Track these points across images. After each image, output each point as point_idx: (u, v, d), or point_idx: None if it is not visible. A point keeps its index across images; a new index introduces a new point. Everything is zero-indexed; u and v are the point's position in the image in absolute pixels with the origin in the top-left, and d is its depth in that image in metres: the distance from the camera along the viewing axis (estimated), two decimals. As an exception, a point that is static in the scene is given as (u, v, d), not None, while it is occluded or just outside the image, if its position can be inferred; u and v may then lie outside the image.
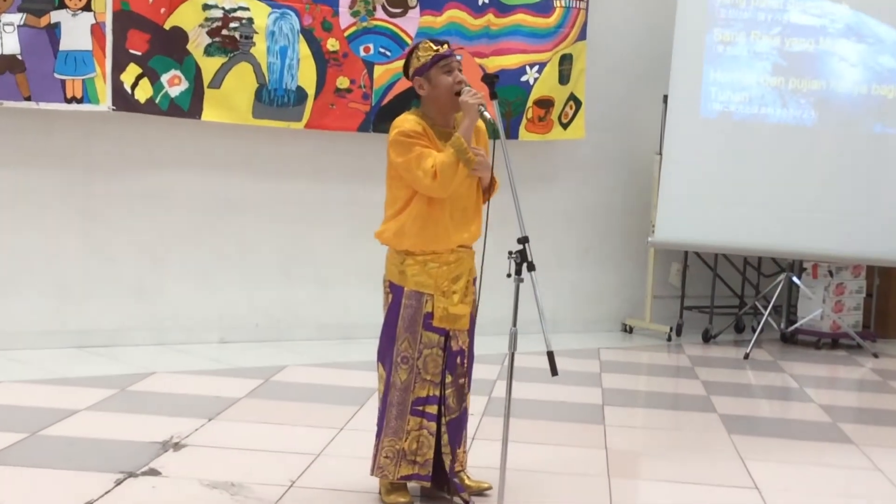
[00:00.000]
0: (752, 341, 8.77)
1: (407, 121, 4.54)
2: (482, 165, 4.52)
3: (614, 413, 6.54)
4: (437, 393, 4.57)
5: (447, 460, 4.62)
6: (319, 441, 5.49)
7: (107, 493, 4.54)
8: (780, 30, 8.84)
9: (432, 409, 4.57)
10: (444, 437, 4.61)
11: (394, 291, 4.60)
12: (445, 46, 4.57)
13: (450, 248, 4.57)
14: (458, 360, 4.60)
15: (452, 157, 4.41)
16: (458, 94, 4.49)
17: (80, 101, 7.16)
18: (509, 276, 4.25)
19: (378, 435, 4.63)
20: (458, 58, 4.60)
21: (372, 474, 4.65)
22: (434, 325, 4.54)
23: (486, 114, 4.44)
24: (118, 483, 4.67)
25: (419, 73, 4.55)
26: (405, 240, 4.55)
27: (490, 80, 4.56)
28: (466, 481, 4.73)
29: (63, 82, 7.10)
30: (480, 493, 4.74)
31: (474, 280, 4.68)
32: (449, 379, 4.59)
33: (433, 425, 4.58)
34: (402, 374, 4.55)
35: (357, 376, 7.00)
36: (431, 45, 4.56)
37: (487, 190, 4.63)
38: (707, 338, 9.28)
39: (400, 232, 4.56)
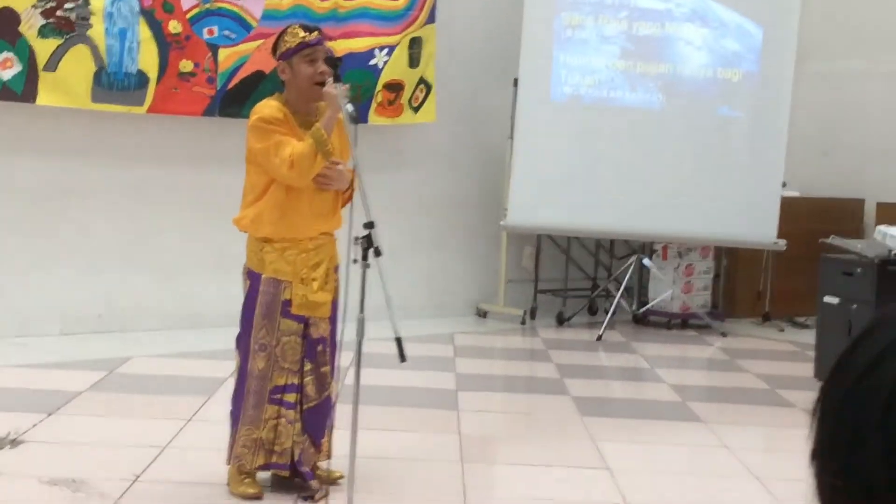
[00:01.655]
0: (605, 323, 8.86)
1: (268, 106, 4.45)
2: (337, 179, 4.45)
3: (468, 398, 6.51)
4: (296, 381, 4.49)
5: (297, 450, 4.52)
6: (166, 433, 5.32)
7: (-64, 494, 4.33)
8: (628, 14, 8.92)
9: (290, 398, 4.48)
10: (298, 426, 4.51)
11: (251, 279, 4.51)
12: (315, 34, 4.46)
13: (309, 235, 4.48)
14: (319, 347, 4.53)
15: (311, 147, 4.33)
16: (321, 84, 4.38)
17: None
18: (355, 261, 4.18)
19: (234, 424, 4.53)
20: (326, 47, 4.49)
21: (228, 464, 4.54)
22: (293, 313, 4.46)
23: (348, 107, 4.35)
24: (-51, 483, 4.45)
25: (283, 57, 4.46)
26: (263, 227, 4.46)
27: (333, 62, 4.48)
28: (318, 471, 4.63)
29: None
30: (333, 482, 4.66)
31: (336, 268, 4.59)
32: (308, 367, 4.51)
33: (291, 413, 4.49)
34: (259, 362, 4.46)
35: (205, 366, 6.84)
36: (300, 30, 4.46)
37: (346, 194, 4.56)
38: (561, 321, 9.34)
39: (258, 219, 4.47)
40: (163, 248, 8.07)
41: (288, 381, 4.48)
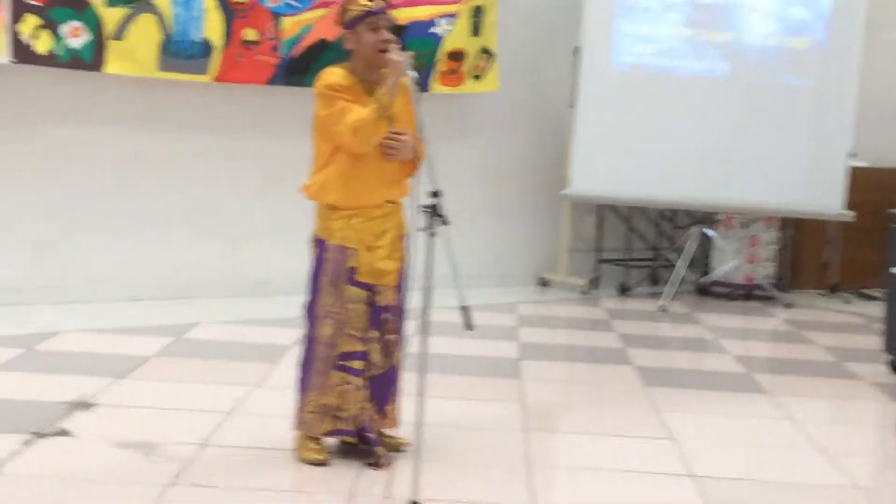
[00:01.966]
0: (667, 293, 8.82)
1: (333, 74, 4.47)
2: (402, 149, 4.45)
3: (531, 367, 6.53)
4: (362, 348, 4.52)
5: (364, 416, 4.56)
6: (233, 399, 5.39)
7: (15, 454, 4.42)
8: (692, -19, 8.83)
9: (356, 365, 4.52)
10: (364, 393, 4.55)
11: (319, 246, 4.54)
12: (379, 2, 4.46)
13: (375, 203, 4.50)
14: (384, 315, 4.55)
15: (374, 112, 4.34)
16: (384, 51, 4.39)
17: (-23, 53, 6.92)
18: (421, 230, 4.18)
19: (301, 390, 4.58)
20: (390, 15, 4.49)
21: (295, 430, 4.59)
22: (358, 280, 4.48)
23: (412, 73, 4.35)
24: (27, 444, 4.54)
25: (348, 26, 4.48)
26: (329, 194, 4.49)
27: (397, 31, 4.48)
28: (383, 438, 4.67)
29: (-40, 33, 6.86)
30: (398, 448, 4.69)
31: (403, 236, 4.60)
32: (374, 334, 4.54)
33: (358, 380, 4.53)
34: (326, 328, 4.50)
35: (270, 333, 6.92)
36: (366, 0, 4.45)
37: (411, 166, 4.55)
38: (623, 290, 9.32)
39: (324, 186, 4.50)
40: (228, 216, 8.14)
41: (354, 349, 4.52)
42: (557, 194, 9.21)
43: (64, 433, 4.74)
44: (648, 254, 9.82)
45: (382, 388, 4.62)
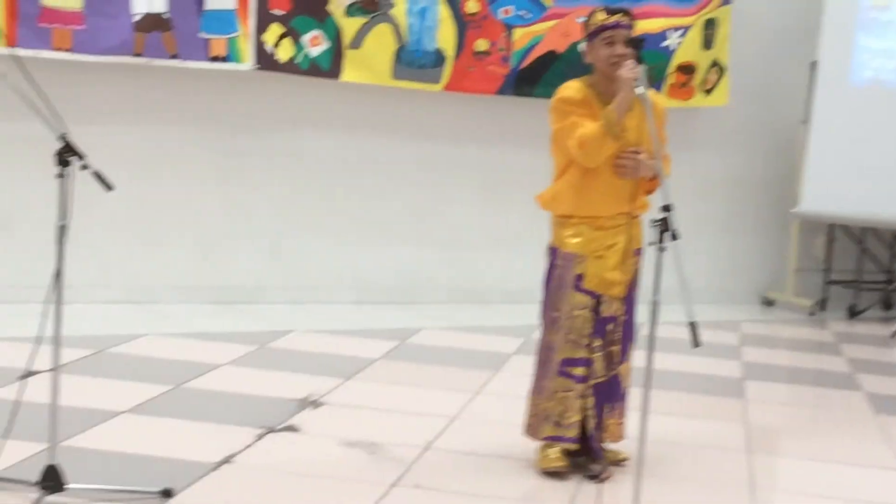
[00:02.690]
0: (899, 318, 8.51)
1: (569, 88, 4.52)
2: (633, 168, 4.44)
3: (754, 387, 6.40)
4: (585, 355, 4.53)
5: (589, 424, 4.57)
6: (455, 404, 5.47)
7: (248, 447, 4.60)
8: (938, -5, 8.49)
9: (578, 371, 4.53)
10: (590, 401, 4.56)
11: (551, 254, 4.61)
12: (616, 17, 4.45)
13: (606, 214, 4.51)
14: (609, 326, 4.55)
15: (600, 129, 4.35)
16: (617, 65, 4.39)
17: (223, 60, 7.23)
18: (651, 244, 4.15)
19: (530, 393, 4.65)
20: (626, 30, 4.46)
21: (523, 434, 4.66)
22: (584, 288, 4.51)
23: (639, 89, 4.31)
24: (259, 438, 4.72)
25: (588, 39, 4.51)
26: (561, 205, 4.55)
27: (635, 43, 4.43)
28: (604, 451, 4.66)
29: (207, 41, 7.18)
30: (618, 462, 4.68)
31: (637, 250, 4.59)
32: (598, 343, 4.55)
33: (580, 387, 4.54)
34: (551, 334, 4.56)
35: (491, 340, 6.99)
36: (602, 13, 4.47)
37: (650, 183, 4.54)
38: (852, 314, 9.02)
39: (556, 197, 4.56)
40: (451, 224, 8.26)
41: (577, 355, 4.53)
42: (785, 211, 8.99)
43: (293, 429, 4.90)
44: (881, 276, 9.48)
45: (603, 398, 4.61)
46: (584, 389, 4.55)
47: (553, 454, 4.59)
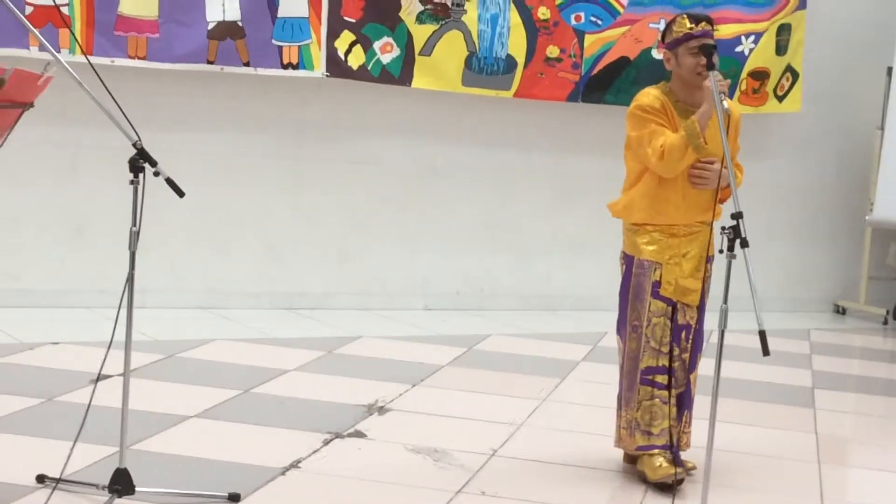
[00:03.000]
0: (975, 328, 8.35)
1: (647, 95, 4.51)
2: (710, 179, 4.41)
3: (825, 397, 6.32)
4: (666, 363, 4.51)
5: (674, 433, 4.54)
6: (522, 411, 5.47)
7: (314, 452, 4.63)
8: None
9: (661, 379, 4.51)
10: (674, 410, 4.54)
11: (626, 262, 4.59)
12: (702, 25, 4.43)
13: (682, 223, 4.50)
14: (683, 333, 4.53)
15: (682, 139, 4.34)
16: (701, 75, 4.37)
17: (295, 67, 7.30)
18: (721, 251, 4.12)
19: (617, 406, 4.62)
20: (711, 37, 4.44)
21: (616, 446, 4.64)
22: (661, 294, 4.49)
23: (724, 103, 4.28)
24: (325, 443, 4.75)
25: (669, 46, 4.49)
26: (634, 213, 4.54)
27: (708, 50, 4.40)
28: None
29: (280, 49, 7.25)
30: (686, 472, 4.65)
31: (710, 258, 4.56)
32: (676, 351, 4.53)
33: (665, 394, 4.51)
34: (631, 343, 4.54)
35: (558, 348, 6.98)
36: (687, 21, 4.44)
37: (723, 192, 4.49)
38: (925, 323, 8.89)
39: (630, 206, 4.55)
40: (519, 230, 8.26)
41: (659, 363, 4.51)
42: (858, 219, 8.88)
43: (360, 435, 4.93)
44: (956, 285, 9.32)
45: (680, 407, 4.58)
46: (667, 397, 4.52)
47: (659, 462, 4.50)
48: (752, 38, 8.38)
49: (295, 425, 4.99)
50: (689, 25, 4.43)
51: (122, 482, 3.83)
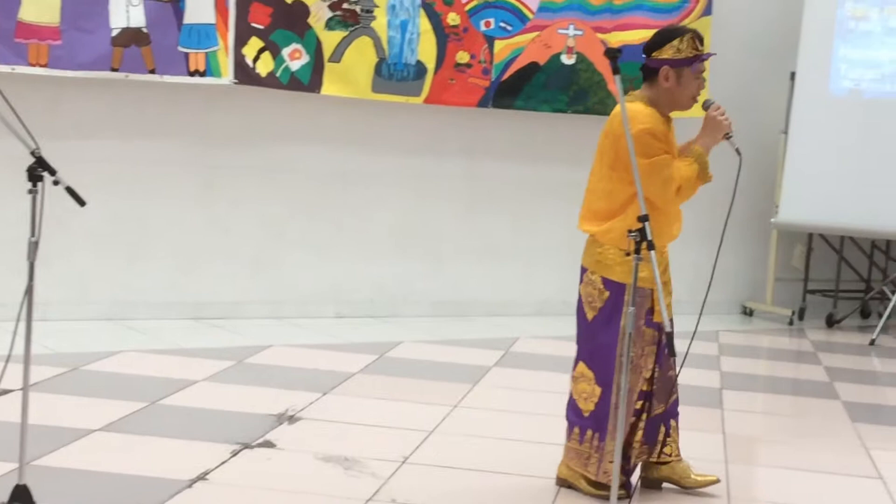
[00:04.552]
0: (879, 327, 8.51)
1: (649, 117, 4.36)
2: (727, 119, 4.56)
3: (733, 397, 6.41)
4: (647, 388, 4.46)
5: (642, 458, 4.53)
6: (433, 418, 5.46)
7: (223, 463, 4.58)
8: (916, 4, 8.53)
9: (639, 405, 4.47)
10: (639, 434, 4.48)
11: (611, 289, 4.41)
12: (706, 48, 4.41)
13: (665, 243, 4.52)
14: (667, 351, 4.43)
15: (696, 173, 4.37)
16: (704, 106, 4.43)
17: (202, 75, 7.23)
18: (628, 254, 4.12)
19: (601, 438, 4.39)
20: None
21: (594, 478, 4.42)
22: (653, 321, 4.42)
23: (732, 141, 4.31)
24: (234, 454, 4.70)
25: (673, 64, 4.37)
26: (628, 240, 4.29)
27: (612, 54, 4.31)
28: (692, 475, 4.60)
29: (186, 55, 7.17)
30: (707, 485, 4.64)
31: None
32: (657, 374, 4.47)
33: (638, 422, 4.48)
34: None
35: (471, 354, 6.98)
36: (696, 42, 4.35)
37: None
38: (831, 323, 9.04)
39: (625, 233, 4.14)
40: (433, 237, 8.26)
41: (643, 389, 4.46)
42: (764, 222, 9.01)
43: (269, 445, 4.88)
44: (859, 285, 9.50)
45: (653, 430, 4.53)
46: (640, 423, 4.47)
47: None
48: (658, 43, 8.44)
49: (203, 437, 4.92)
50: (698, 47, 4.35)
51: (21, 499, 3.75)
